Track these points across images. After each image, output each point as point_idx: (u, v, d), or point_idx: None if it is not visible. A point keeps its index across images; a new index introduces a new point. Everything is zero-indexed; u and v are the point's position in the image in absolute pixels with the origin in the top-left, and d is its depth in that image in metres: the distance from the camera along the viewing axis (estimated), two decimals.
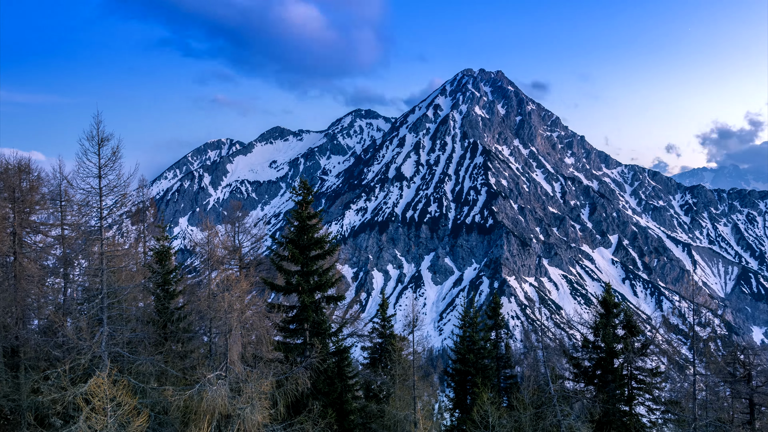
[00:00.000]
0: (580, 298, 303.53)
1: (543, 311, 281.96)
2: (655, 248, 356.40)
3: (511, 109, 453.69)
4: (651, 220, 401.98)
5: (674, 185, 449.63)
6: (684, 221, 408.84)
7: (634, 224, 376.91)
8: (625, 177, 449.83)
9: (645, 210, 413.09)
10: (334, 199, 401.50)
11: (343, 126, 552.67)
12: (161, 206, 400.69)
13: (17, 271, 32.52)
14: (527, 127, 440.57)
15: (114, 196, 23.48)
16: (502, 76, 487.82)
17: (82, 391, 19.55)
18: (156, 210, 49.38)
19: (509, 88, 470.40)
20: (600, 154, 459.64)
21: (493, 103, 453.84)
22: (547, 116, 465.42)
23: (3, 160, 37.36)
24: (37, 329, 33.05)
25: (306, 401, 27.81)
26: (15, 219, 33.11)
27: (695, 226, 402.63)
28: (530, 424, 29.73)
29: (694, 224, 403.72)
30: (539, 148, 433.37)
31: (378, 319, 40.91)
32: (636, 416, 33.55)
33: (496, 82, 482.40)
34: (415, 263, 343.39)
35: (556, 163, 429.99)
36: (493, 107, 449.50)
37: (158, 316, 27.56)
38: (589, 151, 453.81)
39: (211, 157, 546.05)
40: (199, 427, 17.05)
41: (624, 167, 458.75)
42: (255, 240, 38.30)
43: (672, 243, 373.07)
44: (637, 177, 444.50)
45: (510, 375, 44.08)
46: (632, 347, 33.45)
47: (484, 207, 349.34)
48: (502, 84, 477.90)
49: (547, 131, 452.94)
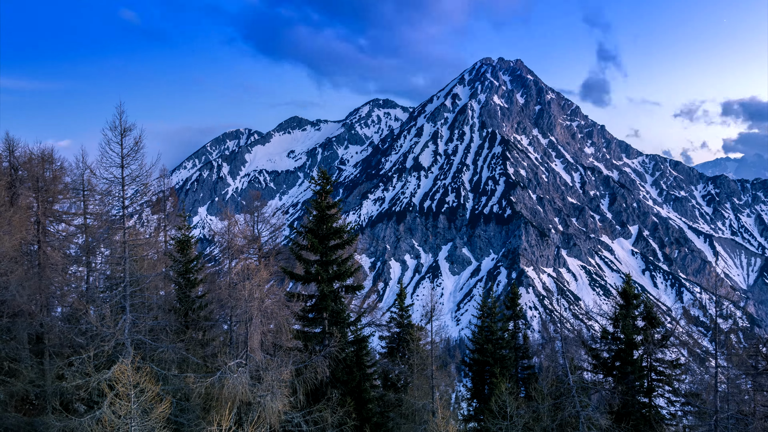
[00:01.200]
0: (598, 289, 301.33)
1: (561, 302, 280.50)
2: (676, 239, 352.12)
3: (531, 98, 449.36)
4: (672, 211, 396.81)
5: (696, 175, 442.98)
6: (706, 212, 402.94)
7: (654, 215, 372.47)
8: (646, 167, 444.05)
9: (666, 200, 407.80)
10: (351, 189, 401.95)
11: (361, 116, 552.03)
12: (180, 196, 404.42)
13: (41, 260, 33.11)
14: (546, 116, 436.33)
15: (136, 186, 23.76)
16: (522, 65, 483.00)
17: (106, 377, 19.90)
18: (176, 199, 49.86)
19: (528, 77, 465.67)
20: (621, 143, 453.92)
21: (512, 92, 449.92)
22: (567, 105, 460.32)
23: (27, 150, 37.95)
24: (61, 316, 33.67)
25: (325, 389, 28.02)
26: (39, 208, 33.67)
27: (717, 216, 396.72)
28: (549, 414, 29.68)
29: (717, 215, 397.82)
30: (558, 137, 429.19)
31: (396, 308, 40.96)
32: (655, 408, 33.34)
33: (516, 71, 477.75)
34: (432, 253, 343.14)
35: (576, 152, 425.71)
36: (512, 96, 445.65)
37: (180, 305, 27.90)
38: (610, 141, 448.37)
39: (230, 146, 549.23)
40: (221, 414, 17.28)
41: (645, 157, 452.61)
42: (273, 229, 38.53)
43: (693, 234, 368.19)
44: (659, 167, 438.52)
45: (528, 366, 43.94)
46: (652, 339, 33.19)
47: (503, 197, 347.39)
48: (522, 73, 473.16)
49: (567, 120, 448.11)
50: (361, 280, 33.39)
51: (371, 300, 38.54)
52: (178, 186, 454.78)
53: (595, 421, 28.48)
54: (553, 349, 40.91)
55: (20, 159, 37.26)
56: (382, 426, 31.09)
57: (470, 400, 42.15)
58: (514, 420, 28.44)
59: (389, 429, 31.87)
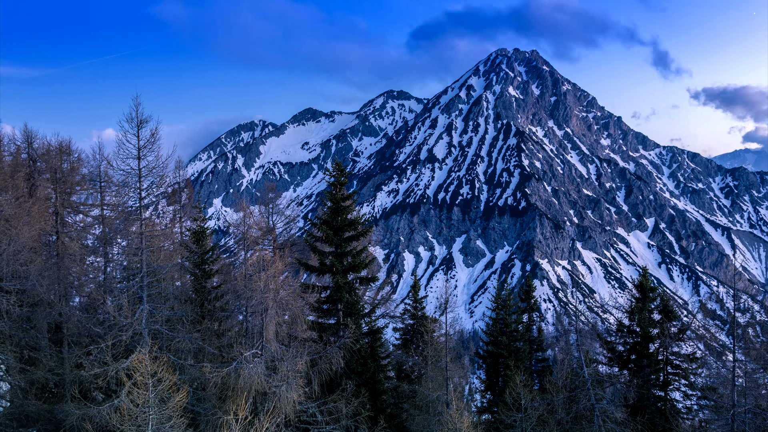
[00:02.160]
0: (614, 282, 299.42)
1: (576, 295, 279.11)
2: (693, 232, 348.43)
3: (546, 89, 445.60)
4: (689, 203, 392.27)
5: (714, 167, 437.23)
6: (724, 204, 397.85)
7: (671, 207, 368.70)
8: (663, 159, 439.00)
9: (683, 193, 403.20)
10: (365, 181, 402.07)
11: (375, 107, 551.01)
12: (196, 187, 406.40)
13: (60, 250, 33.52)
14: (562, 107, 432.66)
15: (152, 177, 23.94)
16: (537, 56, 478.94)
17: (124, 366, 20.16)
18: (192, 191, 50.18)
19: (544, 68, 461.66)
20: (637, 135, 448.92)
21: (527, 83, 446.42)
22: (583, 96, 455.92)
23: (45, 142, 38.37)
24: (79, 306, 34.09)
25: (339, 380, 28.16)
26: (57, 199, 34.04)
27: (736, 209, 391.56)
28: (563, 407, 29.63)
29: (735, 207, 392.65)
30: (574, 129, 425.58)
31: (410, 300, 41.03)
32: (671, 402, 33.14)
33: (531, 62, 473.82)
34: (446, 245, 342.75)
35: (592, 144, 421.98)
36: (527, 87, 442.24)
37: (195, 295, 28.13)
38: (626, 132, 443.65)
39: (245, 138, 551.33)
40: (237, 404, 17.43)
41: (662, 149, 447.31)
42: (288, 221, 38.68)
43: (711, 227, 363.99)
44: (676, 159, 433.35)
45: (542, 358, 43.86)
46: (669, 332, 32.94)
47: (517, 189, 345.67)
48: (537, 64, 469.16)
49: (583, 112, 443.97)
50: (375, 271, 33.47)
51: (385, 292, 38.66)
52: (193, 177, 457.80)
53: (611, 414, 28.39)
54: (568, 342, 40.79)
55: (38, 150, 37.71)
56: (396, 417, 31.21)
57: (484, 392, 42.19)
58: (529, 412, 28.43)
59: (403, 420, 31.99)
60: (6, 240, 23.26)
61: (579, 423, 29.77)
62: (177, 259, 31.86)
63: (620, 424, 28.72)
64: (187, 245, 30.30)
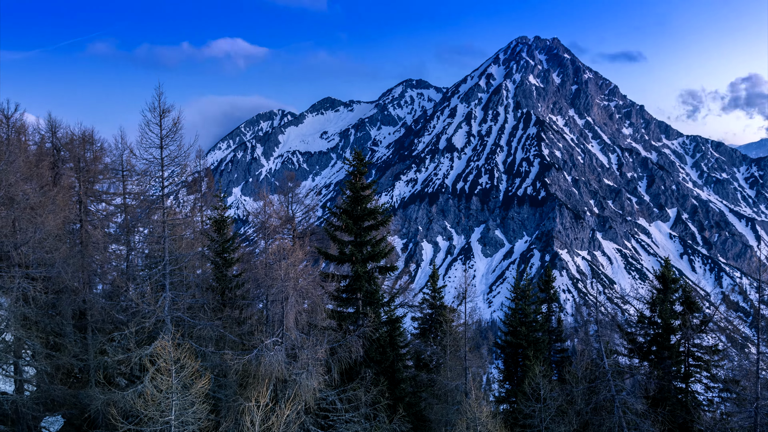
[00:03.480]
0: (634, 273, 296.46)
1: (596, 285, 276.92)
2: (716, 222, 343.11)
3: (567, 77, 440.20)
4: (713, 194, 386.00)
5: (739, 157, 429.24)
6: (749, 195, 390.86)
7: (694, 197, 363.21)
8: (686, 148, 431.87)
9: (707, 183, 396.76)
10: (384, 170, 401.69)
11: (394, 96, 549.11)
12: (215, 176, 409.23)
13: (83, 238, 34.05)
14: (583, 96, 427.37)
15: (174, 167, 24.15)
16: (558, 44, 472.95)
17: (148, 352, 20.47)
18: (212, 180, 50.55)
19: (565, 56, 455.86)
20: (660, 124, 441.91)
21: (548, 71, 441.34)
22: (605, 85, 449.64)
23: (68, 131, 38.89)
24: (102, 293, 34.65)
25: (359, 369, 28.32)
26: (80, 188, 34.53)
27: (761, 199, 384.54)
28: (583, 397, 29.51)
29: (760, 198, 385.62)
30: (595, 118, 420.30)
31: (428, 290, 41.04)
32: (692, 394, 32.85)
33: (552, 50, 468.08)
34: (464, 235, 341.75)
35: (613, 133, 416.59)
36: (548, 76, 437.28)
37: (217, 283, 28.41)
38: (649, 121, 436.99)
39: (264, 127, 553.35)
40: (258, 391, 17.64)
41: (685, 138, 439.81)
42: (307, 210, 38.82)
43: (735, 217, 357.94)
44: (700, 148, 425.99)
45: (561, 349, 43.65)
46: (690, 324, 32.58)
47: (537, 179, 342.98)
48: (558, 52, 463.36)
49: (605, 101, 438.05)
50: (393, 261, 33.50)
51: (403, 281, 38.70)
52: (213, 167, 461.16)
53: (631, 406, 28.21)
54: (587, 333, 40.53)
55: (62, 140, 38.25)
56: (415, 406, 31.34)
57: (502, 382, 42.14)
58: (548, 402, 28.37)
59: (422, 409, 32.12)
60: (32, 228, 23.68)
61: (599, 414, 29.64)
62: (198, 247, 32.18)
63: (640, 416, 28.54)
64: (208, 234, 30.59)
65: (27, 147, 36.87)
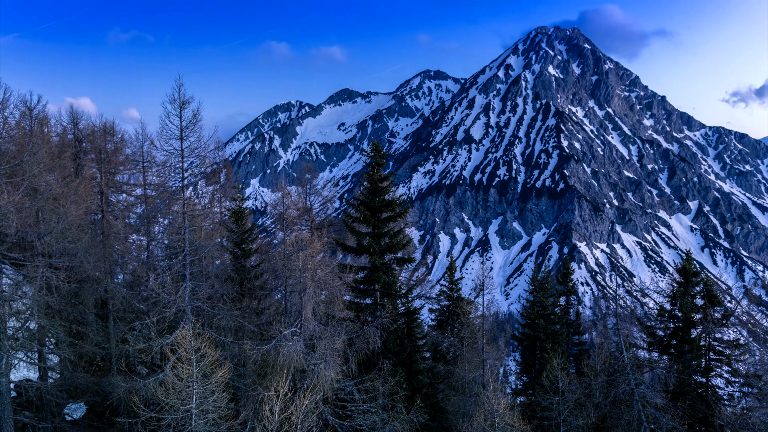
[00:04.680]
0: (654, 266, 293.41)
1: (615, 278, 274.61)
2: (738, 215, 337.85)
3: (587, 68, 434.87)
4: (735, 186, 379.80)
5: (763, 148, 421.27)
6: None
7: (716, 189, 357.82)
8: (708, 140, 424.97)
9: (729, 175, 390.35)
10: (401, 162, 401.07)
11: (412, 87, 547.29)
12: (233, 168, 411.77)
13: (105, 228, 34.52)
14: (604, 87, 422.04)
15: (194, 158, 24.34)
16: (579, 34, 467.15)
17: (168, 341, 20.73)
18: (231, 171, 50.86)
19: (585, 46, 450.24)
20: (682, 115, 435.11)
21: (567, 62, 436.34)
22: (626, 75, 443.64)
23: (90, 123, 39.38)
24: (123, 283, 35.14)
25: (376, 360, 28.42)
26: (102, 179, 34.98)
27: None
28: (601, 390, 29.35)
29: None
30: (616, 109, 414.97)
31: (445, 281, 41.01)
32: (712, 388, 32.50)
33: (572, 40, 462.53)
34: (482, 227, 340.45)
35: (634, 124, 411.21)
36: (567, 66, 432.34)
37: (236, 274, 28.65)
38: (671, 113, 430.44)
39: (281, 119, 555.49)
40: (277, 380, 17.79)
41: (708, 129, 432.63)
42: (324, 201, 38.93)
43: (758, 210, 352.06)
44: (723, 140, 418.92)
45: (579, 342, 43.41)
46: (712, 318, 32.18)
47: (556, 170, 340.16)
48: (578, 42, 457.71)
49: (625, 91, 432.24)
50: (411, 252, 33.48)
51: (420, 273, 38.70)
52: (231, 158, 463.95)
53: (650, 400, 28.01)
54: (606, 326, 40.24)
55: (84, 131, 38.73)
56: (432, 397, 31.41)
57: (520, 375, 42.04)
58: (566, 395, 28.26)
59: (439, 400, 32.17)
60: (55, 218, 24.03)
61: (617, 407, 29.47)
62: (216, 238, 32.47)
63: (660, 410, 28.32)
64: (227, 225, 30.83)
65: (49, 138, 37.37)
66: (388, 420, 25.46)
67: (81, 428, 30.29)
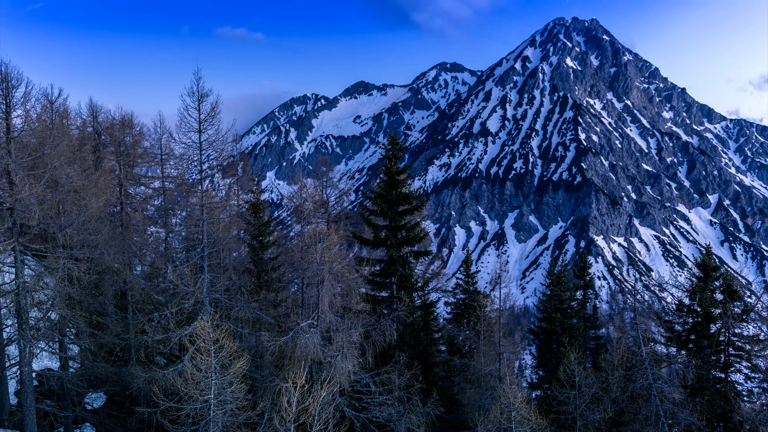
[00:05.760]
0: (672, 261, 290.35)
1: (632, 272, 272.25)
2: (759, 209, 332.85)
3: (606, 60, 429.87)
4: (756, 179, 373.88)
5: None
6: None
7: (737, 183, 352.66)
8: (729, 132, 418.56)
9: (750, 168, 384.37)
10: (417, 155, 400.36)
11: (428, 80, 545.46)
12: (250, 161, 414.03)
13: (124, 221, 34.89)
14: (622, 79, 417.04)
15: (211, 151, 24.49)
16: (597, 25, 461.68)
17: (188, 332, 20.94)
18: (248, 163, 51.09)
19: (604, 38, 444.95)
20: (702, 107, 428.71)
21: (585, 53, 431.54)
22: (645, 67, 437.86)
23: (109, 116, 39.76)
24: (141, 274, 35.54)
25: (392, 352, 28.49)
26: (121, 171, 35.32)
27: None
28: (618, 385, 29.15)
29: None
30: (635, 101, 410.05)
31: (461, 275, 40.92)
32: (732, 384, 32.15)
33: (590, 32, 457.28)
34: (498, 220, 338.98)
35: (653, 117, 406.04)
36: (585, 58, 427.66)
37: (254, 266, 28.81)
38: (690, 105, 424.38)
39: (297, 112, 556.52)
40: (294, 372, 17.90)
41: (729, 122, 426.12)
42: (340, 194, 38.98)
43: None
44: (744, 132, 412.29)
45: (596, 336, 43.18)
46: (731, 313, 31.79)
47: (573, 164, 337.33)
48: (597, 33, 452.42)
49: (644, 83, 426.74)
50: (427, 246, 33.43)
51: (435, 266, 38.65)
52: (247, 151, 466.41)
53: (668, 395, 27.78)
54: (623, 320, 39.95)
55: (103, 124, 39.12)
56: (448, 390, 31.43)
57: (536, 368, 41.92)
58: (583, 389, 28.12)
59: (455, 393, 32.19)
60: (76, 210, 24.32)
61: (635, 402, 29.26)
62: (233, 230, 32.66)
63: (678, 405, 28.09)
64: (245, 217, 31.00)
65: (69, 131, 37.77)
66: (404, 412, 25.53)
67: (101, 417, 30.75)
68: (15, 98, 21.66)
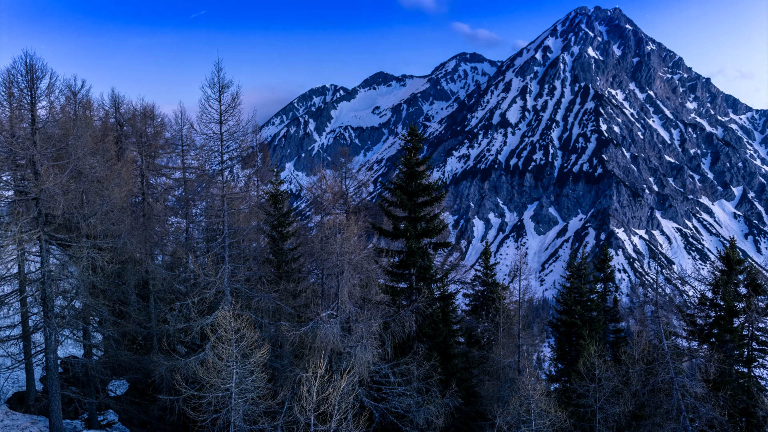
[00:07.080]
0: (695, 253, 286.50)
1: (653, 265, 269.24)
2: None
3: (628, 49, 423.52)
4: None
5: None
6: None
7: (762, 175, 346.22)
8: (755, 123, 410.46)
9: None
10: (436, 146, 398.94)
11: (447, 70, 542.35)
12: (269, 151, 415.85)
13: (146, 211, 35.30)
14: (645, 69, 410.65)
15: (232, 141, 24.64)
16: (620, 14, 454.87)
17: (209, 322, 21.17)
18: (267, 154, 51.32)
19: (627, 27, 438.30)
20: (727, 98, 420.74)
21: (608, 43, 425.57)
22: (669, 57, 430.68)
23: (131, 107, 40.17)
24: (163, 264, 35.98)
25: (411, 343, 28.55)
26: (142, 162, 35.72)
27: None
28: (639, 379, 28.91)
29: None
30: (657, 92, 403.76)
31: (480, 266, 40.77)
32: (755, 378, 31.76)
33: (613, 21, 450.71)
34: (517, 212, 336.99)
35: (676, 108, 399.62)
36: (608, 48, 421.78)
37: (273, 257, 29.00)
38: (715, 95, 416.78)
39: (316, 102, 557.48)
40: (315, 362, 18.04)
41: (754, 112, 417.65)
42: (359, 185, 39.00)
43: None
44: None
45: (616, 329, 42.84)
46: (756, 307, 31.34)
47: (594, 155, 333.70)
48: (620, 22, 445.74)
49: (668, 73, 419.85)
50: (446, 237, 33.38)
51: (454, 258, 38.58)
52: (267, 142, 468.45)
53: (690, 389, 27.49)
54: (644, 313, 39.56)
55: (125, 115, 39.55)
56: (467, 381, 31.42)
57: (555, 361, 41.74)
58: (602, 383, 27.93)
59: (473, 385, 32.18)
60: (99, 200, 24.66)
61: (656, 396, 29.01)
62: (253, 221, 32.87)
63: (700, 399, 27.79)
64: (265, 208, 31.17)
65: (92, 122, 38.23)
66: (423, 403, 25.59)
67: (123, 404, 31.29)
68: (39, 90, 21.95)
